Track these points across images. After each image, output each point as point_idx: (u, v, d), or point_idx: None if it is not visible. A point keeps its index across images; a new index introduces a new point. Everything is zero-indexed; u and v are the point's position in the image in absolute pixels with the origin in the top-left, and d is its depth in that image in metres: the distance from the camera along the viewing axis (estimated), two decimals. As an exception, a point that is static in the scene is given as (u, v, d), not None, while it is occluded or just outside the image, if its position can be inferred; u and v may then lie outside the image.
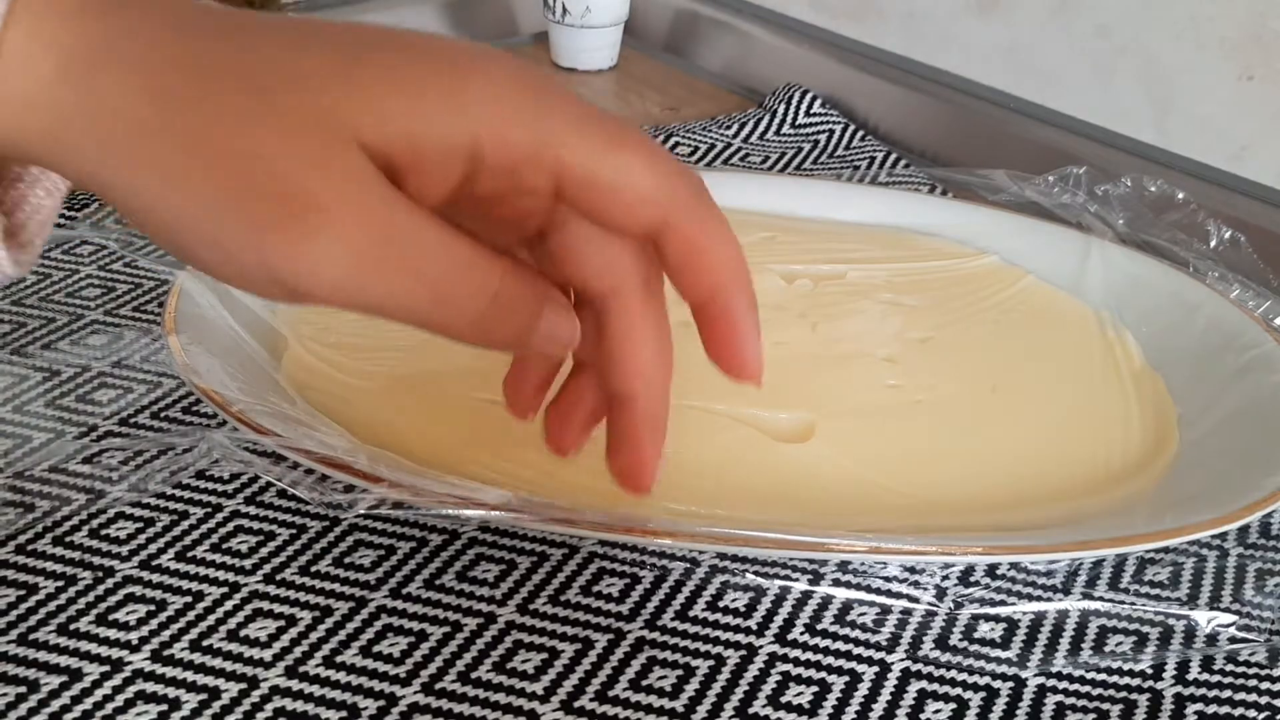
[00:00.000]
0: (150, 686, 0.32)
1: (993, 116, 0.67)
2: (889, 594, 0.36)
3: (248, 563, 0.36)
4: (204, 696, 0.32)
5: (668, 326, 0.30)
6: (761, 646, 0.34)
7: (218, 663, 0.33)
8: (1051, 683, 0.34)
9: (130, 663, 0.32)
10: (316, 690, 0.32)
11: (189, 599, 0.35)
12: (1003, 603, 0.36)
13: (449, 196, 0.26)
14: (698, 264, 0.28)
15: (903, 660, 0.34)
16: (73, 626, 0.33)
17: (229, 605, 0.35)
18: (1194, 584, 0.37)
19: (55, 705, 0.31)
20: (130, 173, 0.24)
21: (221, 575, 0.36)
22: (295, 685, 0.32)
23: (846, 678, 0.33)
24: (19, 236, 0.28)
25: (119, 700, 0.31)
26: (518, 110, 0.25)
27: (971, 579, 0.37)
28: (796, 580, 0.36)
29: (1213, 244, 0.54)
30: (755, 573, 0.37)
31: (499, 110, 0.25)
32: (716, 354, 0.29)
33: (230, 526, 0.37)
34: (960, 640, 0.35)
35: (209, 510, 0.38)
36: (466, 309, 0.26)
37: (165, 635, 0.33)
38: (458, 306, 0.26)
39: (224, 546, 0.37)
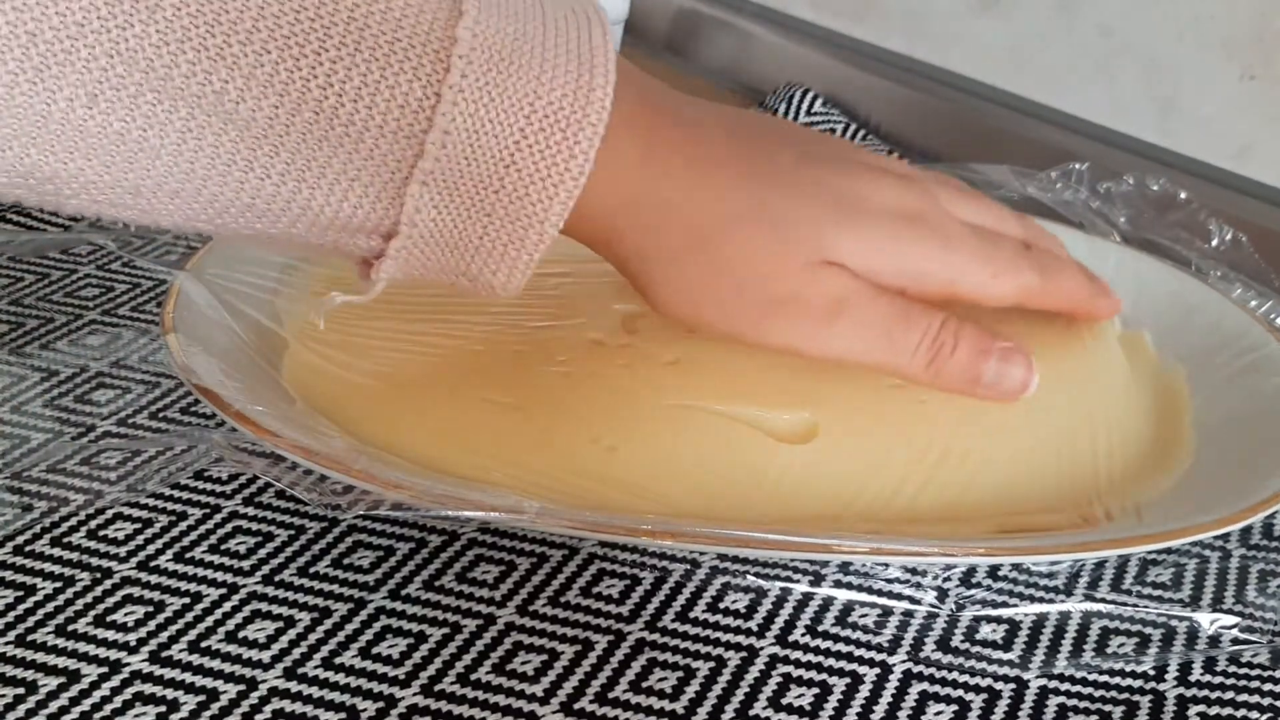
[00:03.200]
0: (148, 688, 0.32)
1: (994, 116, 0.66)
2: (890, 595, 0.36)
3: (246, 564, 0.36)
4: (202, 698, 0.31)
5: None
6: (762, 648, 0.34)
7: (216, 664, 0.32)
8: (1053, 684, 0.34)
9: (128, 664, 0.32)
10: (315, 692, 0.32)
11: (187, 600, 0.35)
12: (1005, 604, 0.36)
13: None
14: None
15: (904, 662, 0.34)
16: (70, 628, 0.33)
17: (227, 606, 0.34)
18: (1196, 585, 0.37)
19: (53, 706, 0.31)
20: (659, 269, 0.35)
21: (220, 576, 0.35)
22: (294, 687, 0.32)
23: (848, 679, 0.33)
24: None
25: (117, 702, 0.31)
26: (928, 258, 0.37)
27: (973, 580, 0.37)
28: (797, 581, 0.36)
29: (1214, 243, 0.53)
30: (756, 574, 0.37)
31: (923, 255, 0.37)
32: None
33: (229, 527, 0.37)
34: (962, 642, 0.35)
35: (207, 511, 0.38)
36: (911, 347, 0.36)
37: (163, 636, 0.33)
38: (904, 346, 0.36)
39: (222, 547, 0.36)
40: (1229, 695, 0.33)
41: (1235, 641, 0.35)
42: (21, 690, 0.31)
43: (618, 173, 0.33)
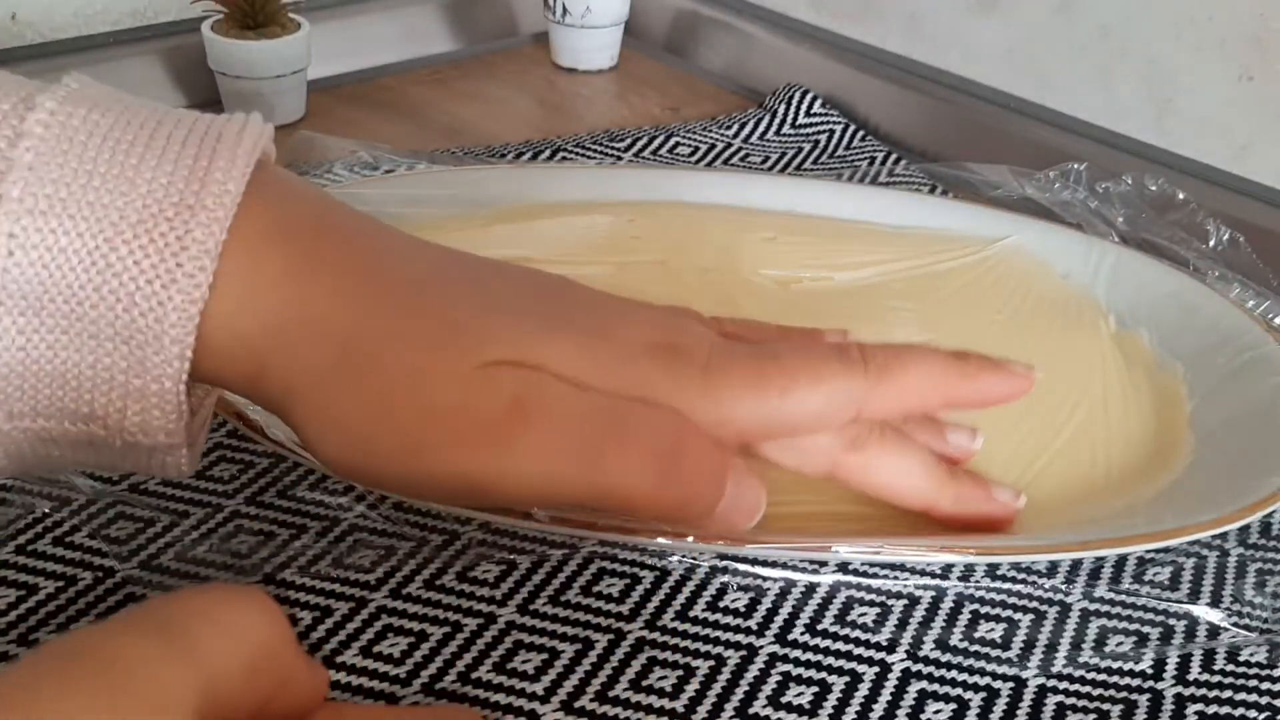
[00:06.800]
0: (150, 687, 0.32)
1: (993, 117, 0.67)
2: (890, 594, 0.36)
3: (247, 563, 0.36)
4: (204, 697, 0.32)
5: None
6: (762, 647, 0.34)
7: (218, 663, 0.33)
8: (1052, 683, 0.34)
9: (130, 663, 0.32)
10: (317, 690, 0.32)
11: (189, 599, 0.35)
12: (1003, 603, 0.36)
13: None
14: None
15: (903, 660, 0.34)
16: (72, 627, 0.33)
17: (229, 605, 0.34)
18: (1194, 584, 0.37)
19: (55, 706, 0.31)
20: (309, 402, 0.29)
21: (221, 575, 0.35)
22: (295, 685, 0.32)
23: (847, 678, 0.33)
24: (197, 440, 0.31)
25: (119, 700, 0.31)
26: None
27: (972, 579, 0.37)
28: (797, 580, 0.36)
29: (1212, 243, 0.54)
30: (756, 573, 0.37)
31: None
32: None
33: (230, 526, 0.37)
34: (961, 640, 0.35)
35: (209, 510, 0.38)
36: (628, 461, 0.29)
37: (165, 635, 0.33)
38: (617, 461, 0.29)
39: (224, 546, 0.37)
40: (1227, 694, 0.33)
41: (1233, 640, 0.35)
42: (24, 689, 0.31)
43: (255, 290, 0.28)
